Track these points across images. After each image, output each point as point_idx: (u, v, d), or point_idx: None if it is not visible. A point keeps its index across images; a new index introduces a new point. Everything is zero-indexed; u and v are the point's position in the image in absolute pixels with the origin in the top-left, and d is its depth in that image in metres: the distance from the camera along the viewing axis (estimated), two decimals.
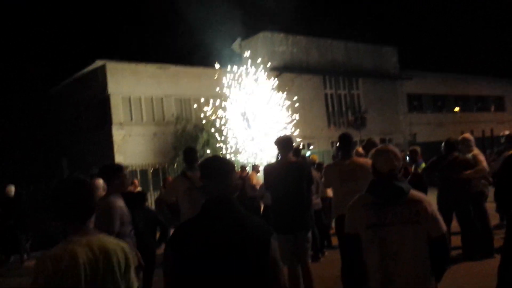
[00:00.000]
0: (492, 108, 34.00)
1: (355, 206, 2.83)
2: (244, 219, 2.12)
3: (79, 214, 2.15)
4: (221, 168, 2.22)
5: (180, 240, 2.10)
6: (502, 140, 8.68)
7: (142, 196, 7.25)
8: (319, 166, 9.37)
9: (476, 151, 6.73)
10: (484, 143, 17.90)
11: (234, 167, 2.30)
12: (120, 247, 2.19)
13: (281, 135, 5.53)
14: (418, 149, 10.52)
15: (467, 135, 6.98)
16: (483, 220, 6.52)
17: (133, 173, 16.67)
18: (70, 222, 2.15)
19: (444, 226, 2.69)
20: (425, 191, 6.39)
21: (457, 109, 31.05)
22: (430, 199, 2.87)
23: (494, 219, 7.81)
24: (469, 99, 32.07)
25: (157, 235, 5.72)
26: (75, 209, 2.14)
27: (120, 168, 4.12)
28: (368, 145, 6.82)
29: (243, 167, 11.25)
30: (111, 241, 2.21)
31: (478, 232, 6.13)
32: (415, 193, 2.72)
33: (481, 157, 6.58)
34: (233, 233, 2.05)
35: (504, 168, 3.59)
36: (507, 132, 8.86)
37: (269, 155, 14.08)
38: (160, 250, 7.77)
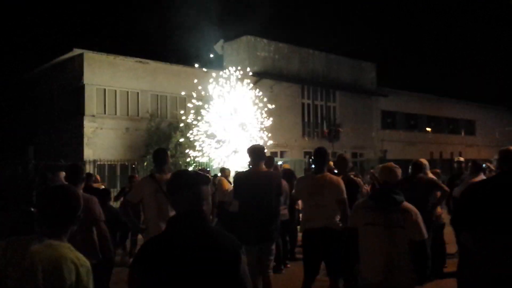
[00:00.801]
0: (463, 132, 34.82)
1: (358, 207, 3.63)
2: (213, 235, 2.06)
3: (47, 221, 2.18)
4: (189, 182, 2.15)
5: (147, 259, 2.02)
6: (456, 165, 8.80)
7: (107, 193, 7.13)
8: (290, 175, 9.31)
9: (430, 175, 6.79)
10: (452, 166, 18.28)
11: (206, 181, 2.20)
12: (79, 263, 2.14)
13: (254, 144, 5.50)
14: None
15: (422, 160, 7.00)
16: (441, 246, 6.72)
17: (101, 167, 16.35)
18: (42, 226, 2.19)
19: (425, 234, 3.36)
20: None
21: (429, 129, 31.69)
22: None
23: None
24: (441, 120, 32.77)
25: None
26: (45, 215, 2.19)
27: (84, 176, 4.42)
28: (339, 161, 6.85)
29: (215, 176, 11.04)
30: (73, 254, 2.16)
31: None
32: (407, 204, 3.44)
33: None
34: (201, 250, 1.99)
35: (473, 193, 3.58)
36: (461, 158, 9.05)
37: (240, 160, 14.01)
38: (118, 249, 7.61)
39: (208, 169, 13.43)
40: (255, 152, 5.19)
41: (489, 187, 3.44)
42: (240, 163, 14.04)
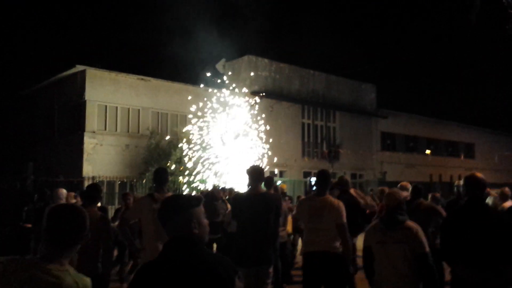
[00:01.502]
0: (462, 155, 34.83)
1: (370, 228, 4.12)
2: (206, 258, 2.05)
3: (53, 239, 2.20)
4: (178, 207, 2.14)
5: (141, 284, 2.03)
6: (455, 189, 8.60)
7: (103, 211, 7.08)
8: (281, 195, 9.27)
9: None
10: (451, 189, 18.24)
11: (197, 203, 2.19)
12: (76, 286, 2.16)
13: (253, 165, 5.49)
14: (386, 189, 10.67)
15: (405, 183, 7.20)
16: (441, 272, 6.64)
17: (100, 184, 16.30)
18: (45, 243, 2.20)
19: (426, 247, 3.77)
20: None
21: (428, 151, 31.70)
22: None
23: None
24: (440, 143, 32.81)
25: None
26: (52, 233, 2.20)
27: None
28: (340, 182, 6.88)
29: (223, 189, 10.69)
30: (70, 277, 2.17)
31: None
32: (409, 222, 3.90)
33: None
34: (197, 275, 1.98)
35: (449, 220, 3.98)
36: (461, 182, 8.95)
37: (239, 181, 13.99)
38: (116, 269, 7.54)
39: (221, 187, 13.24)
40: (254, 173, 5.17)
41: (459, 217, 3.82)
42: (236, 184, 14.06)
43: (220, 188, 9.97)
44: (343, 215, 4.96)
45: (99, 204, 10.96)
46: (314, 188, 5.54)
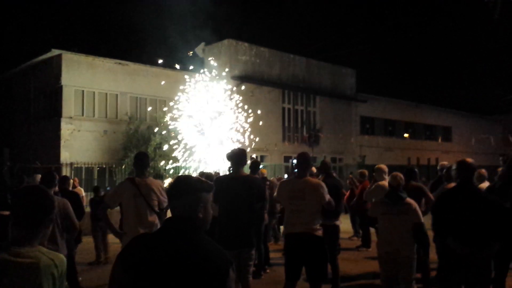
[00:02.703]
0: (440, 138, 35.41)
1: (377, 202, 5.29)
2: (205, 245, 2.00)
3: (21, 222, 2.15)
4: (189, 188, 2.09)
5: (131, 257, 1.97)
6: (440, 172, 8.80)
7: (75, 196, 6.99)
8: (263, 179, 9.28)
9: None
10: (429, 171, 18.58)
11: (208, 188, 2.14)
12: (53, 264, 2.14)
13: (235, 148, 5.46)
14: (366, 172, 10.80)
15: (382, 165, 7.67)
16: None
17: (78, 170, 16.08)
18: (14, 227, 2.15)
19: (421, 219, 4.91)
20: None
21: (406, 135, 32.14)
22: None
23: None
24: (418, 126, 33.27)
25: None
26: (18, 216, 2.16)
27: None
28: (322, 166, 6.94)
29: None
30: (45, 257, 2.14)
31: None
32: (408, 199, 4.97)
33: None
34: (189, 257, 1.93)
35: (442, 199, 4.48)
36: (446, 163, 9.14)
37: (220, 165, 13.95)
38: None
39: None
40: (236, 156, 5.15)
41: (451, 197, 4.32)
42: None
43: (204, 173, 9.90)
44: (325, 194, 5.02)
45: (82, 191, 11.00)
46: (295, 170, 5.54)
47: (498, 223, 4.10)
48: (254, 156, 16.65)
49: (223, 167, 13.67)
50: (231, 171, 5.38)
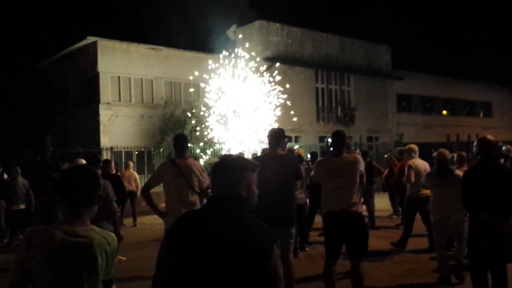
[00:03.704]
0: (480, 114, 34.32)
1: (427, 175, 6.24)
2: (248, 221, 2.02)
3: (72, 200, 2.21)
4: (232, 165, 2.12)
5: (176, 236, 2.01)
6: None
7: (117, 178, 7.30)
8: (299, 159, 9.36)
9: (418, 160, 7.94)
10: (469, 148, 18.06)
11: (252, 167, 2.15)
12: (106, 242, 2.23)
13: (273, 128, 5.47)
14: (404, 149, 10.61)
15: (413, 145, 8.32)
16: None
17: (118, 154, 16.48)
18: (65, 206, 2.23)
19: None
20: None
21: (445, 112, 31.27)
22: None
23: None
24: (457, 102, 32.31)
25: None
26: (70, 195, 2.22)
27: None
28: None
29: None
30: (98, 235, 2.23)
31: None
32: (457, 171, 5.89)
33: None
34: (236, 234, 1.95)
35: (468, 176, 4.66)
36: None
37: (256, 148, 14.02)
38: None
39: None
40: (274, 135, 5.17)
41: (475, 174, 4.56)
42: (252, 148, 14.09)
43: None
44: (361, 167, 5.12)
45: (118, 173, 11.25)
46: (331, 149, 5.52)
47: None
48: (291, 136, 16.66)
49: (258, 148, 13.74)
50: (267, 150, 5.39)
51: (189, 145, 5.43)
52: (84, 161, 7.57)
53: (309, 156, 10.80)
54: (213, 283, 1.92)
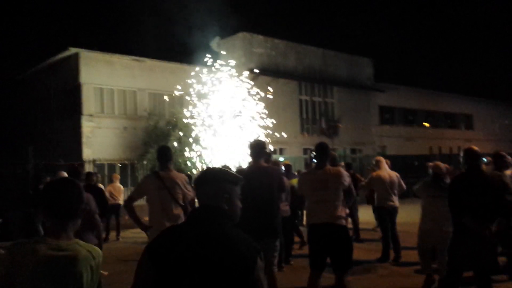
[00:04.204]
0: (461, 126, 34.84)
1: (422, 185, 6.29)
2: (231, 234, 1.99)
3: (56, 213, 2.18)
4: (214, 177, 2.11)
5: (158, 249, 1.97)
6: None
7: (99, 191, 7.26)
8: (288, 170, 9.39)
9: (388, 170, 8.40)
10: (451, 160, 18.30)
11: (235, 181, 2.13)
12: (91, 256, 2.20)
13: (255, 139, 5.47)
14: (382, 158, 10.76)
15: (379, 157, 8.85)
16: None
17: (100, 167, 16.28)
18: (49, 219, 2.20)
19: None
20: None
21: (427, 124, 31.70)
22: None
23: None
24: (439, 115, 32.78)
25: None
26: (54, 207, 2.19)
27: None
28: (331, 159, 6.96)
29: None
30: (83, 249, 2.19)
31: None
32: (448, 183, 5.65)
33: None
34: (217, 246, 1.92)
35: (455, 184, 4.90)
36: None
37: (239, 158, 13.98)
38: None
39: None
40: (257, 147, 5.16)
41: (461, 182, 4.80)
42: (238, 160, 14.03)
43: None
44: (346, 180, 5.09)
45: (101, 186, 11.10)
46: (314, 161, 5.55)
47: (502, 201, 4.72)
48: (272, 148, 16.67)
49: (243, 162, 13.69)
50: (251, 162, 5.38)
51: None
52: (65, 173, 7.48)
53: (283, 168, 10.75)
54: None
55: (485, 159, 9.79)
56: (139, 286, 1.97)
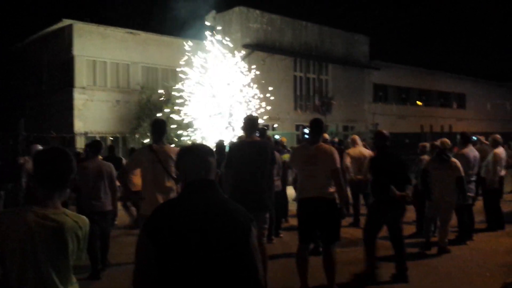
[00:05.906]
0: (454, 105, 34.97)
1: (430, 160, 7.25)
2: (225, 204, 2.04)
3: (43, 182, 2.20)
4: (197, 153, 2.17)
5: (156, 224, 1.98)
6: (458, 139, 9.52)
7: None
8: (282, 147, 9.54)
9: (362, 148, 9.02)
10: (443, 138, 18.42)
11: (211, 152, 2.21)
12: (77, 225, 2.22)
13: (248, 115, 5.50)
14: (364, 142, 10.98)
15: (354, 136, 9.49)
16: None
17: (92, 139, 16.24)
18: (38, 188, 2.20)
19: (462, 173, 6.82)
20: None
21: (419, 102, 31.77)
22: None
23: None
24: (432, 94, 32.83)
25: None
26: (41, 176, 2.20)
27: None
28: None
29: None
30: (70, 219, 2.21)
31: None
32: (452, 158, 6.90)
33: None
34: (216, 216, 1.98)
35: (372, 164, 5.98)
36: (426, 144, 9.22)
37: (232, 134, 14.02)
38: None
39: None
40: (249, 122, 5.19)
41: (377, 161, 5.78)
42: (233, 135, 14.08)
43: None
44: (336, 161, 5.05)
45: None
46: (306, 137, 5.63)
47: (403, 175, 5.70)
48: (268, 125, 16.71)
49: (228, 137, 13.73)
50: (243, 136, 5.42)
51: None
52: (40, 146, 7.76)
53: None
54: (197, 266, 1.92)
55: (474, 138, 9.92)
56: (142, 265, 1.98)
